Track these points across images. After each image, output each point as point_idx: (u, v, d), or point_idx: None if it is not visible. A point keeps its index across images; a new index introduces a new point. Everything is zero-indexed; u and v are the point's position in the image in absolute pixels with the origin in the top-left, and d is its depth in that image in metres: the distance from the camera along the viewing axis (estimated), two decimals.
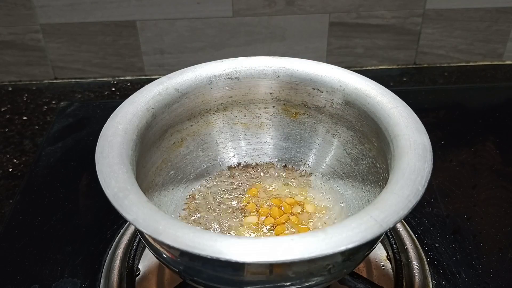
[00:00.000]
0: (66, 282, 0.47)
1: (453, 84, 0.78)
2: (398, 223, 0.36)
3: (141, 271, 0.48)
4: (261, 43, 0.77)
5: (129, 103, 0.41)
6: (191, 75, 0.45)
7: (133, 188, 0.33)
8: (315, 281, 0.34)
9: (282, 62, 0.46)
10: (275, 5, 0.74)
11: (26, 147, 0.66)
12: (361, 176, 0.44)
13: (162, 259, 0.36)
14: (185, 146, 0.47)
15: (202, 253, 0.29)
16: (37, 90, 0.77)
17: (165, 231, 0.30)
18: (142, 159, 0.40)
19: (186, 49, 0.77)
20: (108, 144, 0.36)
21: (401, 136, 0.37)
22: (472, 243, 0.51)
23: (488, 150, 0.62)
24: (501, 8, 0.77)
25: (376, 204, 0.32)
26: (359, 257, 0.37)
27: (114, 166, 0.34)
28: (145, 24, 0.75)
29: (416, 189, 0.33)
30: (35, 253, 0.50)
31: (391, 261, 0.48)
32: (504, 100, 0.72)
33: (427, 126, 0.38)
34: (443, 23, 0.78)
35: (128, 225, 0.51)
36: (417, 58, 0.81)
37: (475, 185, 0.57)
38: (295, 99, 0.47)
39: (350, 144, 0.45)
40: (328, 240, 0.29)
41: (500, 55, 0.82)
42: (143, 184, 0.39)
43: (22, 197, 0.56)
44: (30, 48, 0.76)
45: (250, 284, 0.34)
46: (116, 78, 0.79)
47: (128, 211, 0.31)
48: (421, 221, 0.53)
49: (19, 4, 0.72)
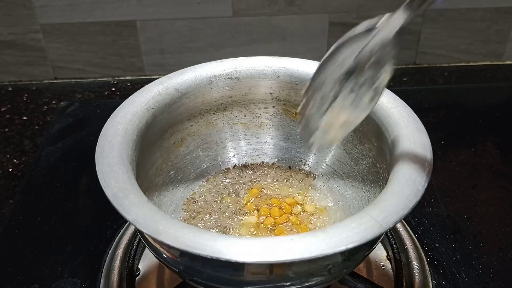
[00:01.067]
0: (66, 282, 0.47)
1: (453, 84, 0.78)
2: (398, 223, 0.36)
3: (141, 271, 0.48)
4: (261, 43, 0.77)
5: (129, 103, 0.41)
6: (191, 75, 0.45)
7: (133, 188, 0.33)
8: (315, 281, 0.34)
9: (282, 62, 0.46)
10: (275, 5, 0.74)
11: (26, 147, 0.66)
12: (361, 176, 0.44)
13: (162, 259, 0.36)
14: (185, 146, 0.47)
15: (202, 253, 0.29)
16: (37, 90, 0.77)
17: (165, 231, 0.30)
18: (142, 159, 0.40)
19: (186, 49, 0.77)
20: (108, 144, 0.36)
21: (401, 136, 0.37)
22: (472, 243, 0.51)
23: (488, 150, 0.62)
24: (501, 8, 0.77)
25: (376, 204, 0.32)
26: (359, 257, 0.37)
27: (114, 166, 0.35)
28: (145, 24, 0.75)
29: (416, 189, 0.33)
30: (35, 253, 0.50)
31: (391, 261, 0.48)
32: (504, 100, 0.72)
33: (427, 126, 0.38)
34: (443, 23, 0.78)
35: (128, 225, 0.51)
36: (417, 58, 0.81)
37: (475, 185, 0.57)
38: (295, 99, 0.47)
39: (350, 144, 0.45)
40: (328, 240, 0.30)
41: (500, 55, 0.82)
42: (143, 184, 0.39)
43: (22, 197, 0.56)
44: (30, 48, 0.76)
45: (250, 284, 0.34)
46: (116, 78, 0.79)
47: (128, 211, 0.31)
48: (421, 221, 0.53)
49: (19, 4, 0.72)
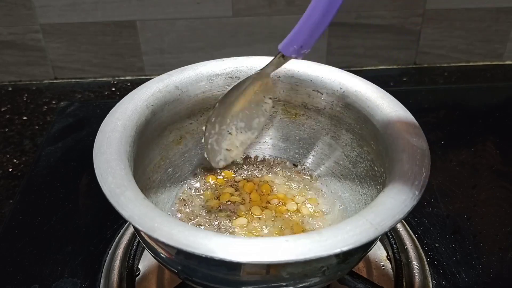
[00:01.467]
0: (66, 282, 0.47)
1: (453, 84, 0.78)
2: (393, 227, 0.36)
3: (141, 271, 0.48)
4: (261, 43, 0.77)
5: (128, 100, 0.41)
6: (191, 73, 0.45)
7: (130, 184, 0.33)
8: (309, 282, 0.34)
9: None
10: (275, 5, 0.74)
11: (26, 147, 0.66)
12: (359, 179, 0.44)
13: (158, 257, 0.36)
14: (184, 144, 0.47)
15: (196, 251, 0.29)
16: (37, 90, 0.77)
17: (160, 229, 0.30)
18: (140, 155, 0.40)
19: (186, 49, 0.77)
20: (106, 140, 0.36)
21: (400, 140, 0.37)
22: (472, 243, 0.51)
23: (488, 150, 0.62)
24: (501, 8, 0.77)
25: (373, 208, 0.32)
26: (353, 260, 0.37)
27: (112, 162, 0.34)
28: (145, 24, 0.75)
29: (413, 194, 0.33)
30: (35, 253, 0.50)
31: (391, 261, 0.48)
32: (504, 100, 0.72)
33: (427, 126, 0.38)
34: (443, 23, 0.78)
35: (128, 225, 0.51)
36: (417, 58, 0.81)
37: (475, 185, 0.57)
38: (295, 100, 0.47)
39: (348, 146, 0.45)
40: (323, 242, 0.29)
41: (500, 55, 0.82)
42: (140, 181, 0.39)
43: (22, 197, 0.56)
44: (30, 48, 0.76)
45: (245, 284, 0.34)
46: (116, 78, 0.79)
47: (124, 207, 0.31)
48: (421, 221, 0.53)
49: (19, 4, 0.72)
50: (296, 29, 0.35)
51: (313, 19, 0.33)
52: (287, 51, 0.36)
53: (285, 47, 0.36)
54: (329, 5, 0.33)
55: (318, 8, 0.33)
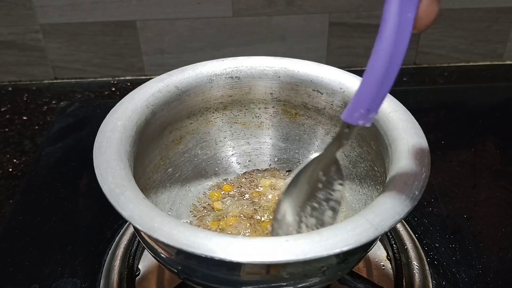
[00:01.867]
0: (66, 282, 0.47)
1: (453, 84, 0.78)
2: (393, 227, 0.36)
3: (141, 271, 0.48)
4: (261, 43, 0.77)
5: (128, 100, 0.41)
6: (191, 73, 0.45)
7: (130, 184, 0.33)
8: (309, 282, 0.34)
9: (283, 63, 0.46)
10: (275, 5, 0.74)
11: (26, 147, 0.66)
12: (359, 179, 0.44)
13: (158, 257, 0.36)
14: (184, 144, 0.47)
15: (196, 251, 0.29)
16: (37, 90, 0.77)
17: (160, 229, 0.30)
18: (140, 155, 0.40)
19: (186, 49, 0.77)
20: (106, 140, 0.36)
21: (400, 140, 0.37)
22: (472, 243, 0.51)
23: (488, 150, 0.62)
24: (501, 8, 0.77)
25: (372, 208, 0.32)
26: (353, 260, 0.37)
27: (112, 162, 0.34)
28: (145, 24, 0.75)
29: (413, 194, 0.33)
30: (35, 253, 0.50)
31: (391, 261, 0.48)
32: (504, 100, 0.72)
33: (427, 126, 0.38)
34: (443, 23, 0.78)
35: (128, 225, 0.51)
36: (417, 58, 0.81)
37: (475, 185, 0.57)
38: (295, 100, 0.47)
39: (348, 146, 0.45)
40: (323, 242, 0.29)
41: (500, 55, 0.82)
42: (140, 181, 0.39)
43: (22, 197, 0.56)
44: (30, 48, 0.76)
45: (245, 284, 0.34)
46: (116, 78, 0.79)
47: (124, 207, 0.31)
48: (421, 221, 0.53)
49: (19, 4, 0.72)
50: (358, 92, 0.30)
51: (376, 74, 0.29)
52: (352, 119, 0.31)
53: (349, 115, 0.31)
54: (392, 56, 0.28)
55: (379, 61, 0.29)
